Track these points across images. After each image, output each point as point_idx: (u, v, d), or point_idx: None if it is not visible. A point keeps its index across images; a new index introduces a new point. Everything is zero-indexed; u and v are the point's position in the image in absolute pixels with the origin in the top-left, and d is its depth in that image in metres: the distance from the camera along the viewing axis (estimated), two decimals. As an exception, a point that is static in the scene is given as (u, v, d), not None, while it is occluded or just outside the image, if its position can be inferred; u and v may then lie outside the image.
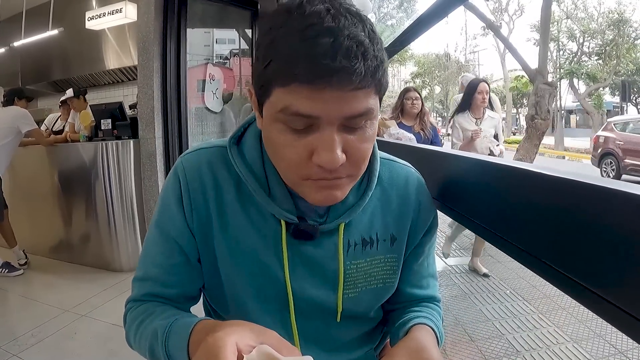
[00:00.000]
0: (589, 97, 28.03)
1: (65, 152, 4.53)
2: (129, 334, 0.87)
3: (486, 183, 0.83)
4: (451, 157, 1.04)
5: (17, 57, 7.61)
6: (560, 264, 0.59)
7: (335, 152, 0.64)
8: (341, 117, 0.64)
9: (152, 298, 0.87)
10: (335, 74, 0.59)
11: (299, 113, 0.63)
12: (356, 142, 0.67)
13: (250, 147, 0.83)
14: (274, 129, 0.68)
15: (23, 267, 4.35)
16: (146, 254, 0.88)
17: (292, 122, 0.65)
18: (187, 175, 0.83)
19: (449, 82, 44.20)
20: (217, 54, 5.26)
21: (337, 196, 0.72)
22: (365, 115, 0.65)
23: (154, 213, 0.89)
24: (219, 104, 5.00)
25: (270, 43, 0.64)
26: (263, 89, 0.67)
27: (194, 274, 0.87)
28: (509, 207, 0.74)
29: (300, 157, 0.67)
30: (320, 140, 0.65)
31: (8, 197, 4.41)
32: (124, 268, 4.27)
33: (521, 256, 0.69)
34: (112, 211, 4.22)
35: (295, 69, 0.60)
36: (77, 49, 6.76)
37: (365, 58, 0.61)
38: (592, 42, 28.96)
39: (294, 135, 0.66)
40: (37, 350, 2.82)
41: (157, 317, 0.80)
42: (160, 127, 4.18)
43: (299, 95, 0.61)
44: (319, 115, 0.63)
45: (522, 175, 0.71)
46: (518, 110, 42.08)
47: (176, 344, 0.71)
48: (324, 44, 0.59)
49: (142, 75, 4.18)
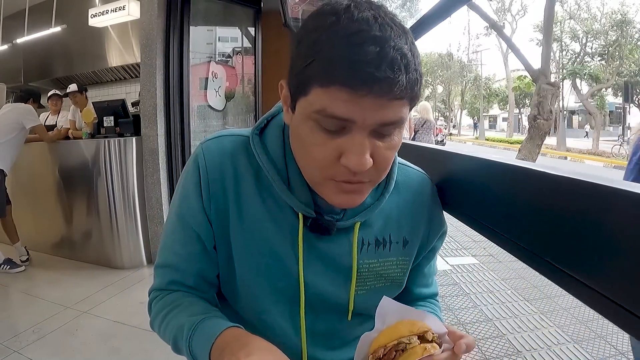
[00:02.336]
0: (591, 98, 28.03)
1: (68, 149, 4.53)
2: (154, 322, 0.87)
3: (490, 183, 0.84)
4: (454, 157, 1.03)
5: (20, 54, 7.60)
6: (565, 264, 0.59)
7: (365, 156, 0.66)
8: (375, 124, 0.65)
9: (177, 287, 0.87)
10: (377, 83, 0.60)
11: (336, 116, 0.64)
12: (383, 148, 0.69)
13: (273, 139, 0.85)
14: (305, 127, 0.69)
15: (25, 264, 4.36)
16: (165, 242, 0.89)
17: (326, 123, 0.66)
18: (207, 163, 0.83)
19: (451, 81, 44.23)
20: (219, 52, 5.26)
21: (356, 201, 0.75)
22: (396, 124, 0.68)
23: (173, 199, 0.90)
24: (221, 102, 5.01)
25: (314, 43, 0.65)
26: (301, 86, 0.68)
27: (211, 262, 0.87)
28: (513, 206, 0.74)
29: (328, 157, 0.68)
30: (351, 143, 0.66)
31: (11, 194, 4.42)
32: (125, 265, 4.28)
33: (526, 256, 0.69)
34: (114, 208, 4.23)
35: (338, 72, 0.61)
36: (80, 46, 6.75)
37: (407, 71, 0.62)
38: (595, 42, 28.94)
39: (325, 135, 0.67)
40: (38, 347, 2.82)
41: (185, 312, 0.80)
42: (163, 124, 4.18)
43: (338, 98, 0.62)
44: (355, 120, 0.64)
45: (526, 175, 0.71)
46: (520, 110, 42.07)
47: (200, 343, 0.72)
48: (370, 52, 0.60)
49: (145, 72, 4.19)
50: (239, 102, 5.37)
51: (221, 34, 5.27)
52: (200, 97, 4.73)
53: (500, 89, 45.30)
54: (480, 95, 43.76)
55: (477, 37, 67.28)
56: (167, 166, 4.22)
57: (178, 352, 0.80)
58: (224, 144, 0.86)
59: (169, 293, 0.87)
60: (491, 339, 3.02)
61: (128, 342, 2.88)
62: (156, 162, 4.16)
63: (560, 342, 2.98)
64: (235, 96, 5.28)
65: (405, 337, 0.71)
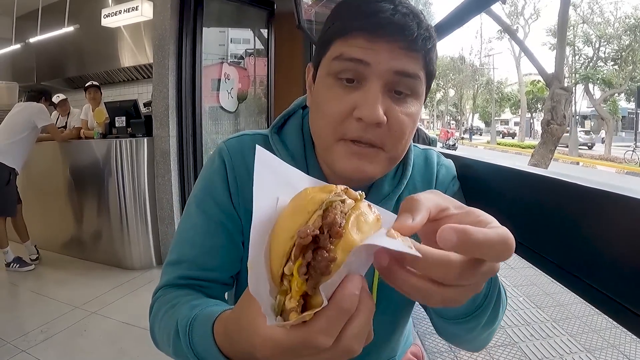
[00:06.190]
0: (604, 103, 27.83)
1: (79, 149, 4.55)
2: (153, 326, 0.83)
3: (506, 189, 0.86)
4: (470, 163, 1.03)
5: (33, 54, 7.64)
6: (586, 275, 0.59)
7: (377, 106, 0.67)
8: (389, 70, 0.68)
9: (185, 281, 0.83)
10: (391, 26, 0.67)
11: (352, 58, 0.68)
12: (398, 111, 0.71)
13: (292, 136, 0.87)
14: (323, 86, 0.73)
15: (34, 262, 4.37)
16: (182, 237, 0.87)
17: (343, 72, 0.70)
18: (233, 159, 0.85)
19: (463, 85, 44.11)
20: (231, 53, 5.25)
21: (366, 170, 0.73)
22: (411, 78, 0.70)
23: (193, 195, 0.88)
24: (233, 104, 5.00)
25: (335, 11, 0.75)
26: (323, 46, 0.74)
27: (234, 257, 0.85)
28: (530, 214, 0.75)
29: (342, 111, 0.70)
30: (365, 95, 0.68)
31: (21, 193, 4.43)
32: (135, 266, 4.28)
33: (548, 268, 0.70)
34: (124, 209, 4.23)
35: (356, 21, 0.68)
36: (93, 46, 6.78)
37: (419, 26, 0.68)
38: (608, 47, 28.81)
39: (341, 90, 0.71)
40: (45, 347, 2.82)
41: (182, 307, 0.74)
42: (175, 125, 4.18)
43: (354, 44, 0.68)
44: (370, 62, 0.68)
45: (540, 182, 0.73)
46: (532, 115, 41.87)
47: (200, 333, 0.66)
48: (385, 6, 0.68)
49: (157, 73, 4.18)
50: (251, 104, 5.35)
51: (233, 35, 5.25)
52: (212, 98, 4.72)
53: (512, 93, 45.14)
54: (492, 99, 43.62)
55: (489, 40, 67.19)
56: (179, 167, 4.21)
57: (176, 355, 0.73)
58: (247, 142, 0.87)
59: (173, 290, 0.83)
60: (503, 346, 2.98)
61: (137, 344, 2.86)
62: (167, 163, 4.15)
63: (572, 350, 2.93)
64: (247, 98, 5.26)
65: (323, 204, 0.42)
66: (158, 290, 0.86)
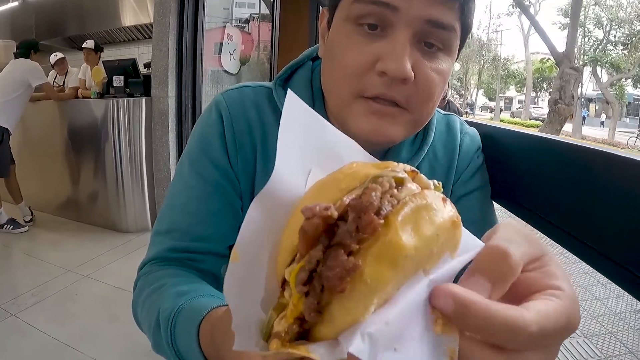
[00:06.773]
0: (610, 87, 27.68)
1: (76, 109, 4.45)
2: (136, 306, 0.75)
3: (538, 164, 0.77)
4: (492, 131, 0.92)
5: (32, 11, 7.46)
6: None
7: (404, 58, 0.57)
8: (421, 18, 0.57)
9: (176, 254, 0.73)
10: None
11: (378, 0, 0.57)
12: (427, 66, 0.60)
13: (299, 90, 0.74)
14: (341, 33, 0.63)
15: (28, 224, 4.32)
16: (173, 202, 0.76)
17: (366, 16, 0.59)
18: (231, 112, 0.75)
19: (469, 60, 43.68)
20: (236, 18, 5.13)
21: (387, 132, 0.63)
22: (445, 30, 0.59)
23: (185, 153, 0.78)
24: (235, 66, 4.90)
25: None
26: None
27: (232, 225, 0.74)
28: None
29: (363, 63, 0.60)
30: (391, 45, 0.58)
31: (16, 153, 4.35)
32: (130, 229, 4.23)
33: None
34: (120, 170, 4.16)
35: None
36: (93, 4, 6.62)
37: None
38: (619, 31, 28.62)
39: (362, 38, 0.60)
40: (36, 311, 2.76)
41: (167, 293, 0.64)
42: (174, 86, 4.04)
43: None
44: (399, 7, 0.57)
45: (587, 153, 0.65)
46: (537, 94, 41.68)
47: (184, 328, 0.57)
48: None
49: (158, 31, 4.03)
50: (254, 68, 5.25)
51: (238, -2, 5.11)
52: (214, 61, 4.61)
53: (518, 71, 44.81)
54: (497, 76, 43.40)
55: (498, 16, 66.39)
56: (177, 129, 4.10)
57: (157, 348, 0.64)
58: (248, 94, 0.78)
59: (160, 268, 0.72)
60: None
61: (128, 309, 2.76)
62: (165, 125, 4.03)
63: (570, 335, 2.89)
64: (250, 61, 5.16)
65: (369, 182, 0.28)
66: (145, 264, 0.76)
